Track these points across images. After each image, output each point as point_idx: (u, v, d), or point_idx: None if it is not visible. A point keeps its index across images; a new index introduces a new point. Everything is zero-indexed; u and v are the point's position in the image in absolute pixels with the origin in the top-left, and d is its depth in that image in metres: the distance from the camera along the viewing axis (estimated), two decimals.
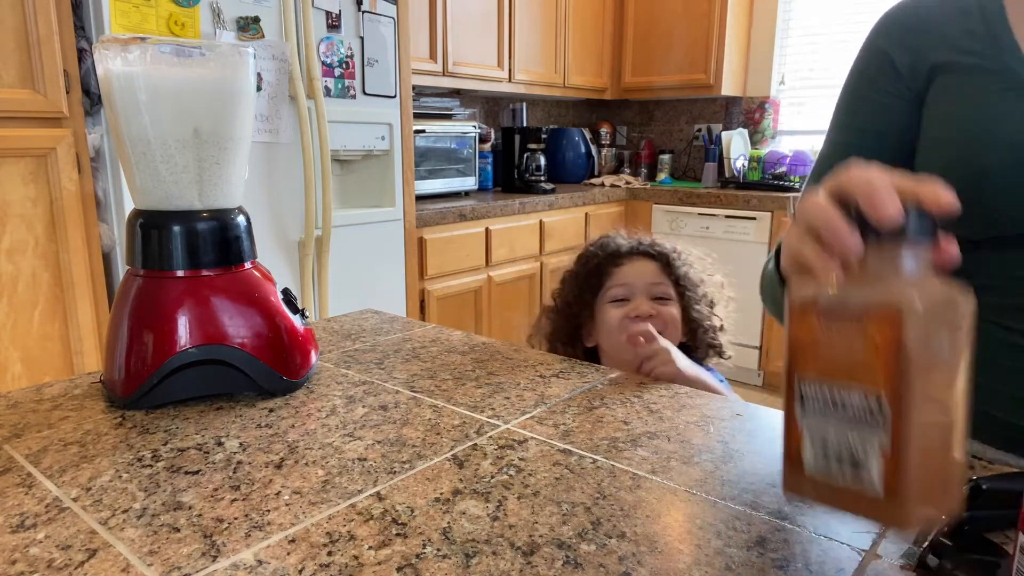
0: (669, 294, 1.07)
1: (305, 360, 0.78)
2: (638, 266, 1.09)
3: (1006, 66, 0.66)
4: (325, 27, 1.99)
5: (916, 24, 0.72)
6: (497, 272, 2.78)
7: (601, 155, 4.03)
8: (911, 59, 0.72)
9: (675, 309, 1.06)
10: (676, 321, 1.06)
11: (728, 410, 0.73)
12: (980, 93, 0.67)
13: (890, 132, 0.74)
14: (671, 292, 1.07)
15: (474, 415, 0.70)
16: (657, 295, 1.07)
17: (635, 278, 1.08)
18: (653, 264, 1.09)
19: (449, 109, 3.13)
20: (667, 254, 1.10)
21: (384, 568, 0.45)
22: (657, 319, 1.04)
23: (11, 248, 1.48)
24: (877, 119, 0.75)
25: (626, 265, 1.09)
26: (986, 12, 0.68)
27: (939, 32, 0.71)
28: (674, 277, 1.08)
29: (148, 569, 0.45)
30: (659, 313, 1.05)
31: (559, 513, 0.52)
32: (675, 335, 1.06)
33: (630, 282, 1.08)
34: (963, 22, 0.69)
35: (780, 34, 3.63)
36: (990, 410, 0.70)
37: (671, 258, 1.09)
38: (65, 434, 0.65)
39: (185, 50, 0.69)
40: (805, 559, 0.46)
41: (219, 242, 0.72)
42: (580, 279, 1.12)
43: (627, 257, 1.10)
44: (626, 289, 1.07)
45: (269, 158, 1.90)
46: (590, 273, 1.11)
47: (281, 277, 1.96)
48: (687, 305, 1.07)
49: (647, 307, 1.05)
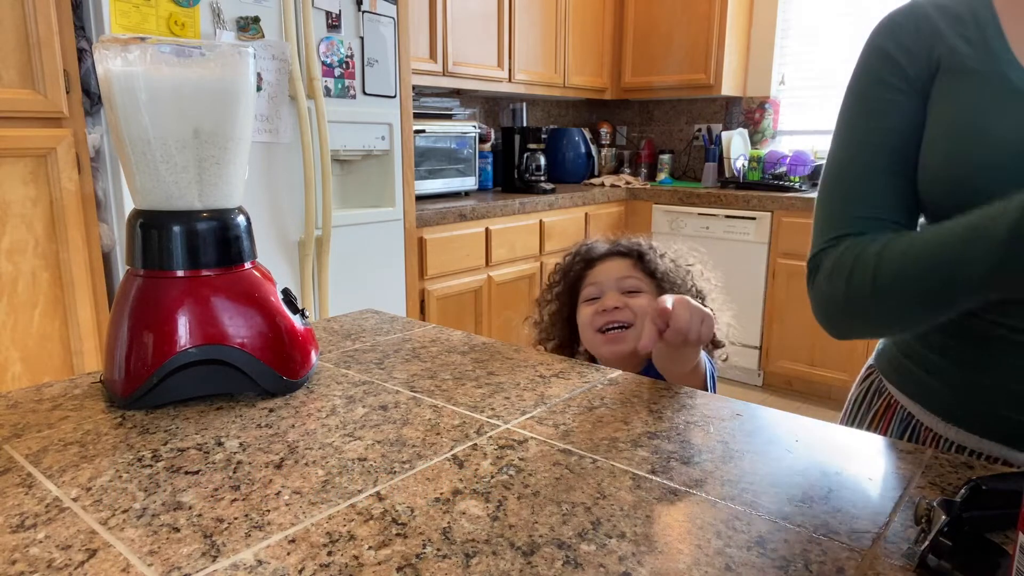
0: (639, 287, 1.09)
1: (305, 360, 0.78)
2: (609, 264, 1.12)
3: (998, 71, 0.68)
4: (325, 27, 1.99)
5: (916, 27, 0.73)
6: (497, 272, 2.78)
7: (601, 155, 4.03)
8: (914, 58, 0.73)
9: (646, 300, 1.07)
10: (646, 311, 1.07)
11: (728, 410, 0.73)
12: (972, 95, 0.69)
13: (900, 128, 0.74)
14: (643, 285, 1.09)
15: (474, 415, 0.71)
16: (626, 288, 1.08)
17: (604, 276, 1.10)
18: (624, 261, 1.11)
19: (449, 109, 3.13)
20: (639, 250, 1.12)
21: (384, 568, 0.45)
22: (625, 310, 1.06)
23: (11, 248, 1.48)
24: (887, 116, 0.75)
25: (598, 266, 1.13)
26: (979, 19, 0.71)
27: (938, 35, 0.72)
28: (648, 271, 1.09)
29: (148, 569, 0.45)
30: (627, 305, 1.06)
31: (559, 513, 0.52)
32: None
33: (600, 280, 1.10)
34: (959, 28, 0.71)
35: (780, 34, 3.63)
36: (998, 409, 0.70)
37: (643, 253, 1.11)
38: (65, 434, 0.65)
39: (185, 50, 0.69)
40: (805, 559, 0.46)
41: (219, 242, 0.72)
42: (557, 286, 1.16)
43: (599, 259, 1.13)
44: (597, 287, 1.10)
45: (269, 158, 1.90)
46: (566, 279, 1.15)
47: (281, 277, 1.96)
48: (667, 292, 1.07)
49: (613, 300, 1.07)
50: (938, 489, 0.56)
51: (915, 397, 0.80)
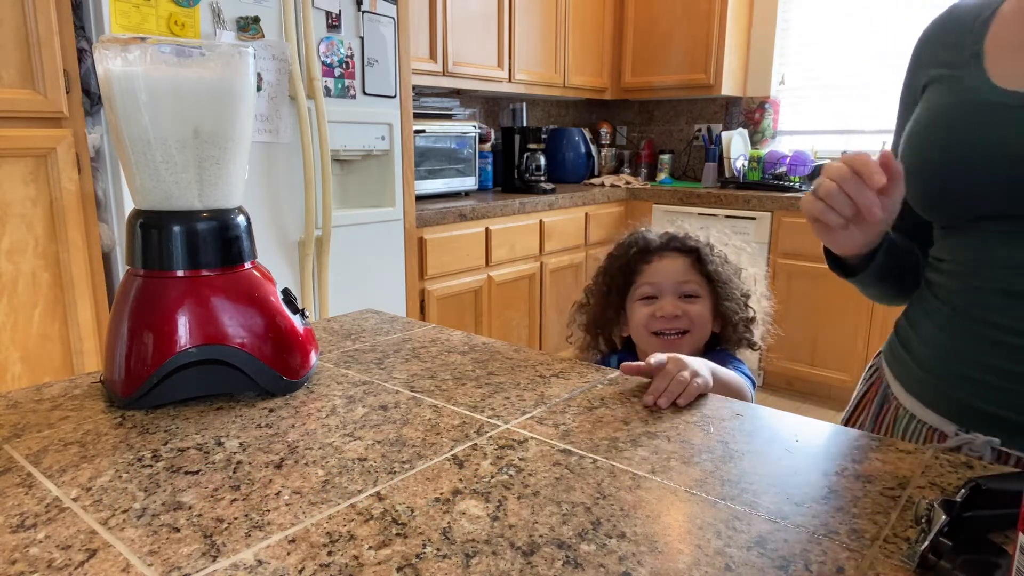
0: (697, 292, 1.07)
1: (305, 360, 0.78)
2: (667, 263, 1.10)
3: (966, 77, 0.73)
4: (325, 27, 1.99)
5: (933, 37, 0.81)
6: (497, 272, 2.78)
7: (601, 155, 4.02)
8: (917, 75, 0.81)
9: (703, 306, 1.07)
10: (704, 318, 1.07)
11: (728, 410, 0.73)
12: (940, 96, 0.75)
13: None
14: (700, 289, 1.07)
15: (474, 415, 0.70)
16: (685, 292, 1.07)
17: (663, 276, 1.09)
18: (683, 260, 1.09)
19: (449, 109, 3.13)
20: (698, 249, 1.10)
21: (384, 568, 0.45)
22: (683, 318, 1.05)
23: (11, 248, 1.48)
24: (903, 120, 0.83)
25: (655, 262, 1.10)
26: (975, 28, 0.75)
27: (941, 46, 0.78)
28: (705, 272, 1.08)
29: (148, 569, 0.45)
30: (685, 312, 1.06)
31: (559, 513, 0.52)
32: (703, 332, 1.07)
33: (658, 280, 1.09)
34: (959, 35, 0.76)
35: (780, 34, 3.63)
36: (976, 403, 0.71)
37: (702, 253, 1.09)
38: (65, 434, 0.65)
39: (185, 50, 0.69)
40: (805, 559, 0.46)
41: (219, 242, 0.72)
42: (609, 276, 1.14)
43: (657, 254, 1.11)
44: (654, 287, 1.09)
45: (269, 158, 1.90)
46: (619, 270, 1.13)
47: (281, 277, 1.96)
48: (719, 299, 1.07)
49: (672, 307, 1.06)
50: (938, 489, 0.56)
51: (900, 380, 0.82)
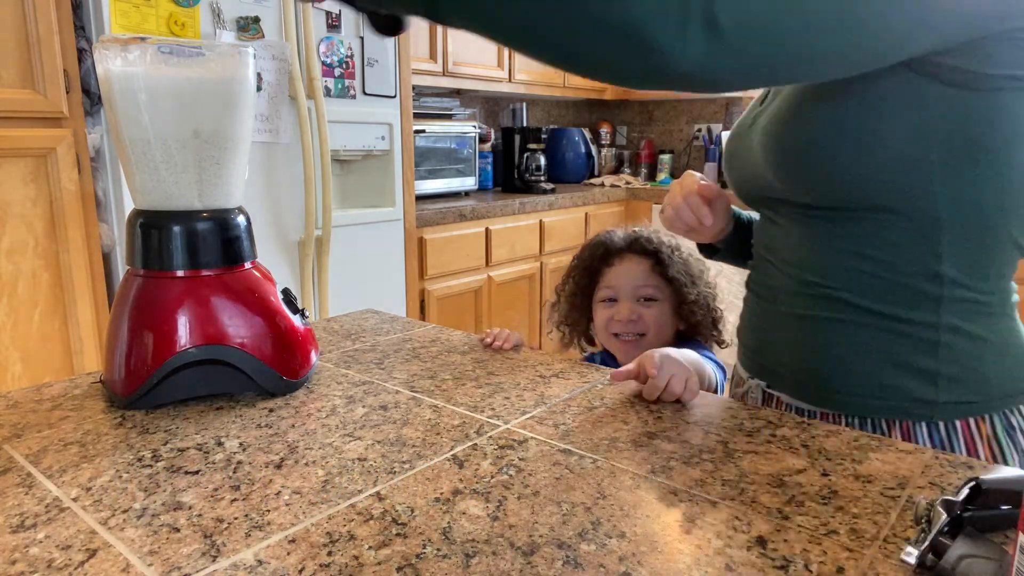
0: (655, 295, 1.08)
1: (305, 360, 0.78)
2: (627, 266, 1.11)
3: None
4: (325, 27, 1.99)
5: None
6: (497, 272, 2.78)
7: (601, 155, 4.02)
8: None
9: (660, 309, 1.08)
10: (661, 321, 1.08)
11: (728, 410, 0.73)
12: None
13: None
14: (658, 292, 1.08)
15: (474, 415, 0.70)
16: (643, 296, 1.08)
17: (622, 280, 1.10)
18: (643, 263, 1.10)
19: (449, 109, 3.13)
20: (658, 251, 1.10)
21: (384, 568, 0.45)
22: (639, 322, 1.07)
23: (11, 248, 1.48)
24: None
25: (616, 265, 1.12)
26: None
27: None
28: (666, 274, 1.08)
29: (148, 569, 0.45)
30: (641, 317, 1.07)
31: (559, 513, 0.52)
32: (662, 333, 1.08)
33: (616, 284, 1.10)
34: None
35: None
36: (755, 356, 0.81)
37: (662, 255, 1.10)
38: (65, 434, 0.65)
39: (185, 50, 0.69)
40: (805, 559, 0.46)
41: (219, 242, 0.72)
42: (575, 278, 1.16)
43: (618, 256, 1.12)
44: (612, 290, 1.10)
45: (269, 158, 1.90)
46: (583, 272, 1.15)
47: (281, 277, 1.96)
48: (680, 301, 1.08)
49: (627, 312, 1.07)
50: (938, 489, 0.56)
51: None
